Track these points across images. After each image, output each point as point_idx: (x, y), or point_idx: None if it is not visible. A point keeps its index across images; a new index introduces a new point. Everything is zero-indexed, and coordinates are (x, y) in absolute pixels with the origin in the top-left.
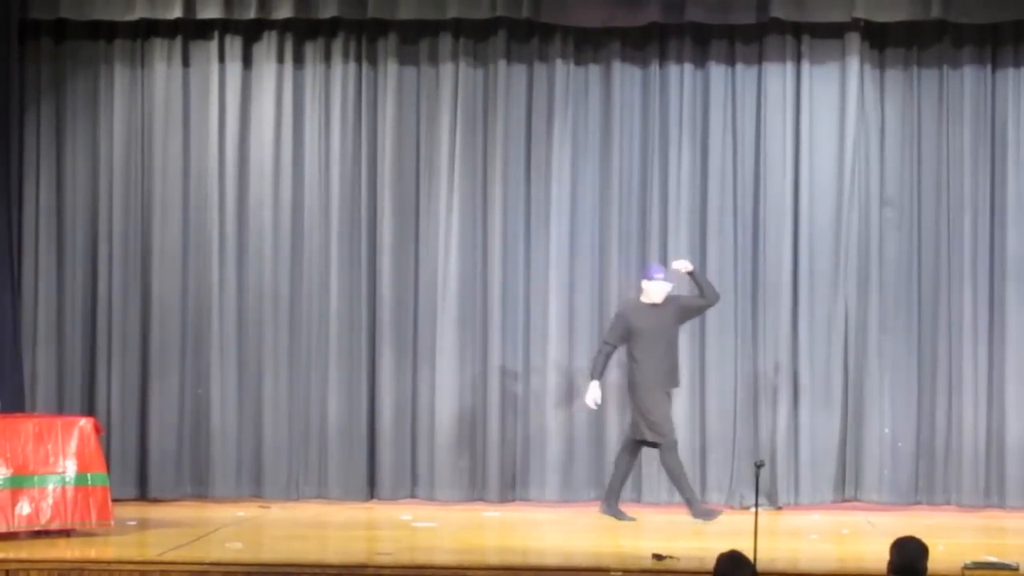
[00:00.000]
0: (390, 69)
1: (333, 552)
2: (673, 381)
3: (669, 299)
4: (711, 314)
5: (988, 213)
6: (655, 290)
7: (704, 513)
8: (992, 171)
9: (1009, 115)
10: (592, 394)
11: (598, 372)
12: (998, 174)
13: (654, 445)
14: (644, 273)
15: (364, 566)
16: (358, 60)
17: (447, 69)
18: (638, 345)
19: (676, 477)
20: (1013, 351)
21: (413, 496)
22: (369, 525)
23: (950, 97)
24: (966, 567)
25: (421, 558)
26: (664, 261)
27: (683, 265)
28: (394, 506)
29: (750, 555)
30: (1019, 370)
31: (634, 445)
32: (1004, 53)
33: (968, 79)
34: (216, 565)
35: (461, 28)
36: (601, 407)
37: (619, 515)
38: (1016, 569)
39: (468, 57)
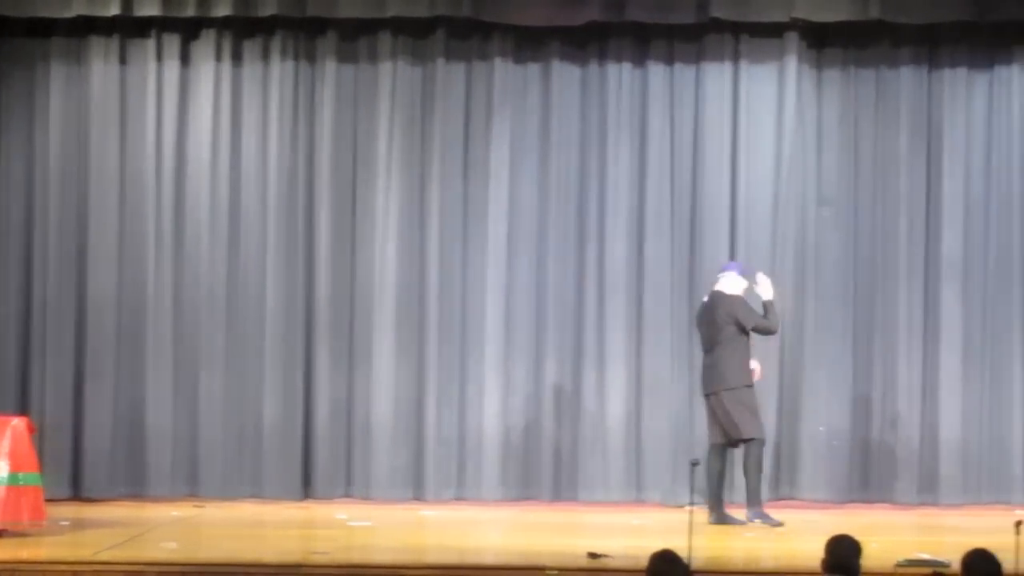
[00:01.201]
0: (328, 67)
1: (269, 551)
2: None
3: None
4: (648, 311)
5: (924, 214)
6: (737, 283)
7: (722, 519)
8: (928, 172)
9: (945, 116)
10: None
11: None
12: (934, 175)
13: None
14: (725, 268)
15: (300, 565)
16: (296, 58)
17: (386, 68)
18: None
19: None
20: (947, 350)
21: (348, 495)
22: (305, 524)
23: (887, 97)
24: (899, 564)
25: (357, 557)
26: (601, 260)
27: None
28: (330, 505)
29: (685, 554)
30: (952, 369)
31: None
32: (941, 54)
33: (905, 79)
34: (151, 565)
35: (400, 26)
36: (541, 408)
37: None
38: (948, 566)
39: (407, 56)
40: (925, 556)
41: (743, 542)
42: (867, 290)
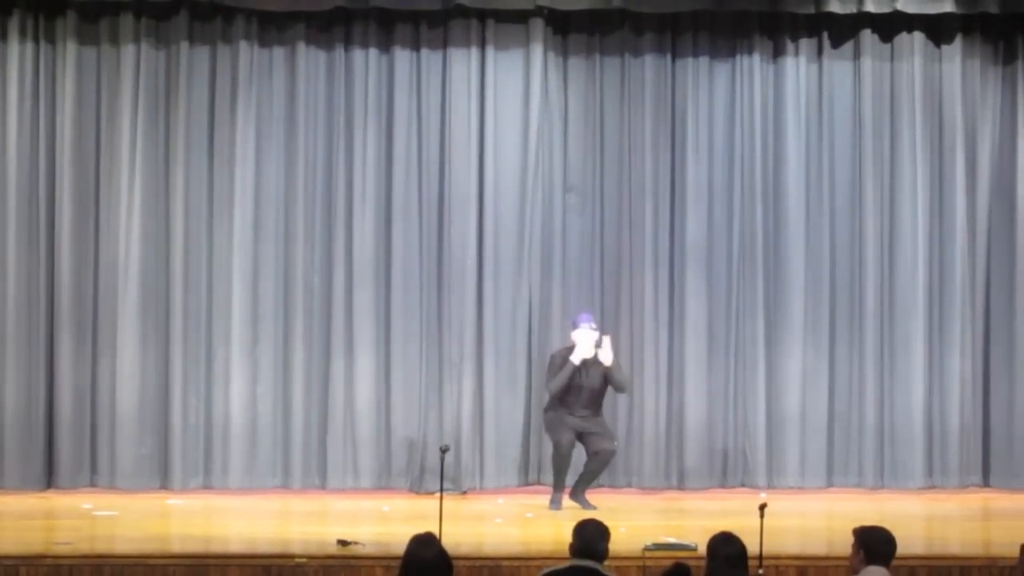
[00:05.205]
0: (69, 49)
1: (9, 542)
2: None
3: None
4: (397, 297)
5: (668, 199)
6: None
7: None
8: (672, 158)
9: (688, 103)
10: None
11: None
12: (678, 161)
13: None
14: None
15: (42, 556)
16: (36, 39)
17: (128, 50)
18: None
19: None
20: (692, 334)
21: (93, 485)
22: (47, 514)
23: (631, 84)
24: (646, 548)
25: (101, 547)
26: (349, 246)
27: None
28: (74, 495)
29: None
30: (698, 353)
31: None
32: (683, 42)
33: (649, 67)
34: None
35: (143, 8)
36: (289, 396)
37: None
38: (694, 549)
39: (150, 38)
40: (672, 540)
41: (493, 528)
42: (613, 275)
